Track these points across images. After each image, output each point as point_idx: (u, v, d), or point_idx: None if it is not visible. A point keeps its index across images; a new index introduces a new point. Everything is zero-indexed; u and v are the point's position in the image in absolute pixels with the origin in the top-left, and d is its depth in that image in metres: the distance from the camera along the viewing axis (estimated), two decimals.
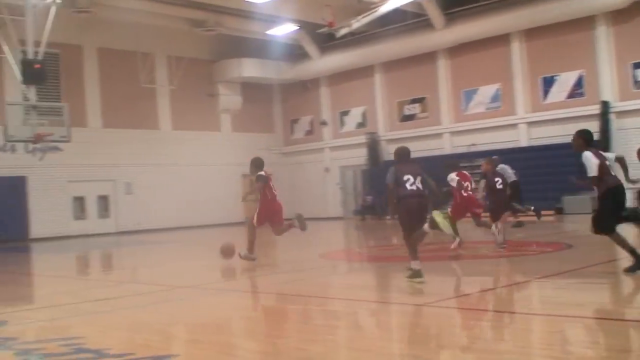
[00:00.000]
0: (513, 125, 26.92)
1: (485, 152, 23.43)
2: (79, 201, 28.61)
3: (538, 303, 7.53)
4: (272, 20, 28.67)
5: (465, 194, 12.19)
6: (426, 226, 8.84)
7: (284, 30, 29.66)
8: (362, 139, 31.30)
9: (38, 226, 26.85)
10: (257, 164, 12.13)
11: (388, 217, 25.14)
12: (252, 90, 33.69)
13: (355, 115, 32.77)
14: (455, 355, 5.18)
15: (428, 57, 29.18)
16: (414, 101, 30.37)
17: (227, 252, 12.40)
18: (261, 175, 11.91)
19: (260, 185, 11.85)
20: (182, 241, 21.89)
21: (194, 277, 11.58)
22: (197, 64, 32.16)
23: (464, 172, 12.53)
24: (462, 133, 28.34)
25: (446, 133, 29.03)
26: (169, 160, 30.72)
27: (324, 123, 33.71)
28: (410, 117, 30.52)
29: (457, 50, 28.27)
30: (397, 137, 30.45)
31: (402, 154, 9.13)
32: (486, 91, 27.83)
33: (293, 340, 6.00)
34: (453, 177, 12.31)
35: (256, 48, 31.89)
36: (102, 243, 24.15)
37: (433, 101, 29.56)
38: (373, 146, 31.09)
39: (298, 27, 29.61)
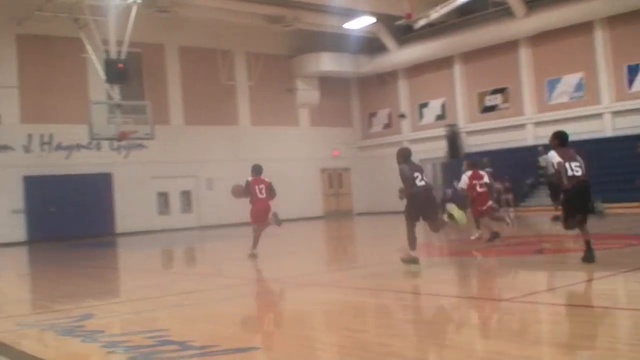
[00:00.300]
0: (597, 115, 26.12)
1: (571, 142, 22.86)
2: (163, 197, 29.30)
3: (624, 297, 7.28)
4: (349, 14, 28.64)
5: (480, 190, 13.05)
6: (445, 216, 9.98)
7: (360, 24, 29.58)
8: (442, 131, 30.92)
9: (123, 221, 27.58)
10: (254, 169, 13.20)
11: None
12: (329, 84, 33.74)
13: (434, 107, 32.40)
14: (541, 350, 5.03)
15: (509, 47, 28.59)
16: (495, 92, 29.80)
17: (237, 192, 13.12)
18: (246, 181, 12.95)
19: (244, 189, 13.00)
20: (262, 235, 22.06)
21: (275, 271, 11.71)
22: (275, 60, 32.38)
23: (478, 171, 13.38)
24: (545, 124, 27.58)
25: (529, 124, 28.38)
26: (248, 156, 30.83)
27: (402, 116, 33.45)
28: (491, 108, 29.97)
29: (538, 38, 27.60)
30: (477, 128, 30.03)
31: (408, 155, 9.91)
32: (569, 80, 27.08)
33: (374, 334, 5.96)
34: (465, 176, 13.22)
35: (333, 42, 31.90)
36: (185, 237, 24.60)
37: (515, 91, 28.94)
38: (453, 138, 30.68)
39: (375, 20, 29.47)
